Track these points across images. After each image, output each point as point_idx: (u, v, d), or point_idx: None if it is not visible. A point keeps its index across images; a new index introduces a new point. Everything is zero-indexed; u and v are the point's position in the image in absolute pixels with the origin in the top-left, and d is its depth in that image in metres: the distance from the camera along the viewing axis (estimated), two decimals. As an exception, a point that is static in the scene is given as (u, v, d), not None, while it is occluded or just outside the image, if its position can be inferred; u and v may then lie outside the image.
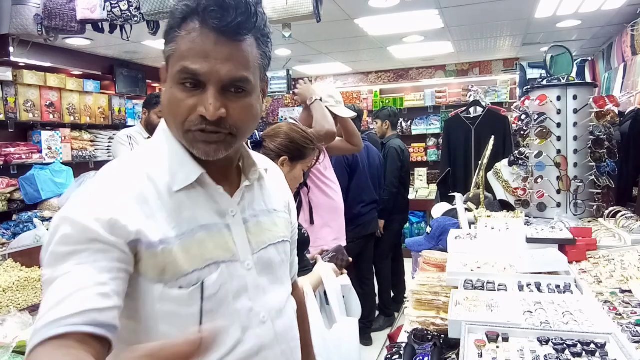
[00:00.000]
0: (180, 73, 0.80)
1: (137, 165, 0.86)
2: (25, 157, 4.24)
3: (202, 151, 0.83)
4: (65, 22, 3.11)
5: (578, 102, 2.33)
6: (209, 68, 0.79)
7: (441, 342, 1.26)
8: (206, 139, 0.82)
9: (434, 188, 6.11)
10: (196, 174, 0.85)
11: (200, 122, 0.80)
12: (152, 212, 0.80)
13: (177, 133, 0.85)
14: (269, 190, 1.01)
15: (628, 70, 4.08)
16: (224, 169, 0.92)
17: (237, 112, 0.82)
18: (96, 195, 0.79)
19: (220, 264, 0.85)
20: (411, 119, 6.71)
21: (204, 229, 0.85)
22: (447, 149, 4.23)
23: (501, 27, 4.68)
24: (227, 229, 0.88)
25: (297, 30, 3.89)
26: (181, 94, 0.81)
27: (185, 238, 0.82)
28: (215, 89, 0.80)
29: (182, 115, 0.81)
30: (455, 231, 2.11)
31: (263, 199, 0.98)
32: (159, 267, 0.79)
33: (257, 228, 0.94)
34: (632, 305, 1.32)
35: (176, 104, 0.81)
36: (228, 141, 0.84)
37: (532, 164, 2.42)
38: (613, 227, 2.03)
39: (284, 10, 2.70)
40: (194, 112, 0.80)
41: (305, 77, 2.49)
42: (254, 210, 0.95)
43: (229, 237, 0.88)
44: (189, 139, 0.83)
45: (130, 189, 0.81)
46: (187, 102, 0.81)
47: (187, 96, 0.80)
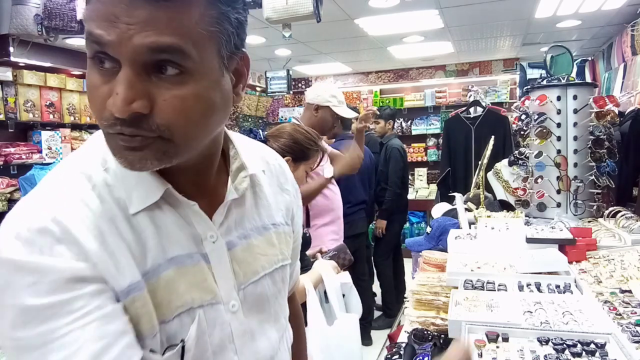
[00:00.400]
0: (87, 42, 0.55)
1: (82, 177, 0.61)
2: (25, 157, 4.24)
3: (124, 160, 0.57)
4: (65, 22, 3.11)
5: (578, 102, 2.33)
6: (117, 36, 0.52)
7: (441, 342, 1.26)
8: (125, 143, 0.56)
9: (434, 188, 6.11)
10: (159, 189, 0.62)
11: (114, 120, 0.55)
12: (112, 246, 0.58)
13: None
14: (266, 197, 0.78)
15: (628, 70, 4.08)
16: (197, 179, 0.68)
17: (168, 105, 0.55)
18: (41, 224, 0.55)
19: (196, 310, 0.64)
20: (411, 119, 6.71)
21: (172, 263, 0.63)
22: (447, 149, 4.23)
23: (501, 27, 4.68)
24: (205, 261, 0.66)
25: (297, 30, 3.89)
26: (96, 78, 0.56)
27: (150, 279, 0.60)
28: (131, 70, 0.53)
29: (98, 111, 0.56)
30: (455, 231, 2.11)
31: (257, 211, 0.76)
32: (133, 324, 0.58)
33: (248, 253, 0.72)
34: (632, 305, 1.32)
35: (91, 93, 0.57)
36: (160, 148, 0.57)
37: (532, 164, 2.42)
38: (613, 227, 2.03)
39: (284, 10, 2.70)
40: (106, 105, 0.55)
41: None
42: (243, 229, 0.72)
43: (207, 271, 0.66)
44: (110, 144, 0.58)
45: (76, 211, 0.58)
46: (102, 90, 0.55)
47: (102, 80, 0.56)
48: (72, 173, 0.62)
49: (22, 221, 0.56)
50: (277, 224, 0.79)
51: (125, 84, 0.53)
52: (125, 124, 0.54)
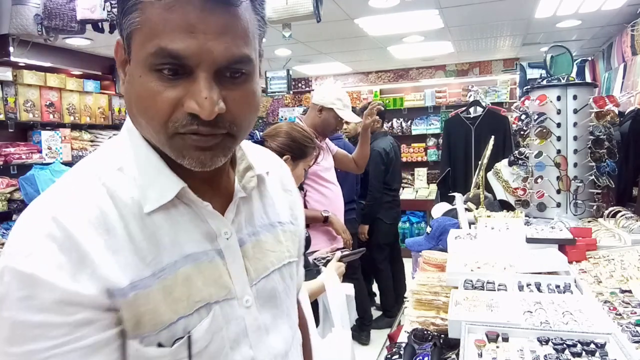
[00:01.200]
0: (155, 56, 0.57)
1: (92, 177, 0.63)
2: (25, 157, 4.24)
3: (196, 161, 0.61)
4: (65, 22, 3.11)
5: (578, 102, 2.33)
6: (198, 47, 0.56)
7: (441, 342, 1.26)
8: (201, 143, 0.60)
9: (434, 188, 6.11)
10: (174, 188, 0.64)
11: (190, 121, 0.59)
12: (117, 244, 0.60)
13: (155, 138, 0.62)
14: (271, 197, 0.80)
15: (628, 70, 4.09)
16: (210, 179, 0.70)
17: (237, 104, 0.61)
18: (45, 230, 0.57)
19: (212, 305, 0.66)
20: (411, 119, 6.71)
21: (189, 260, 0.65)
22: (447, 149, 4.23)
23: (501, 27, 4.68)
24: (220, 257, 0.68)
25: (297, 30, 3.89)
26: (158, 85, 0.58)
27: (166, 275, 0.62)
28: (209, 75, 0.58)
29: (163, 114, 0.59)
30: (455, 231, 2.11)
31: (264, 209, 0.78)
32: (132, 319, 0.59)
33: (257, 250, 0.74)
34: (632, 305, 1.32)
35: (151, 99, 0.59)
36: (226, 145, 0.63)
37: (532, 164, 2.42)
38: (613, 227, 2.03)
39: (284, 10, 2.71)
40: (179, 108, 0.59)
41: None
42: (252, 226, 0.75)
43: (222, 267, 0.68)
44: (177, 146, 0.61)
45: (81, 211, 0.59)
46: (167, 95, 0.58)
47: (167, 86, 0.58)
48: (83, 174, 0.64)
49: (28, 227, 0.58)
50: (282, 222, 0.81)
51: (210, 89, 0.58)
52: (204, 124, 0.59)
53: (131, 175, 0.64)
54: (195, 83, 0.58)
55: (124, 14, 0.59)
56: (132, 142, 0.67)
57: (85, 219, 0.59)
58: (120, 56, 0.64)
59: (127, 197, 0.63)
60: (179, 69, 0.58)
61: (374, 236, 4.01)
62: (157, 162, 0.65)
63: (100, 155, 0.68)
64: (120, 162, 0.65)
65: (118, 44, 0.64)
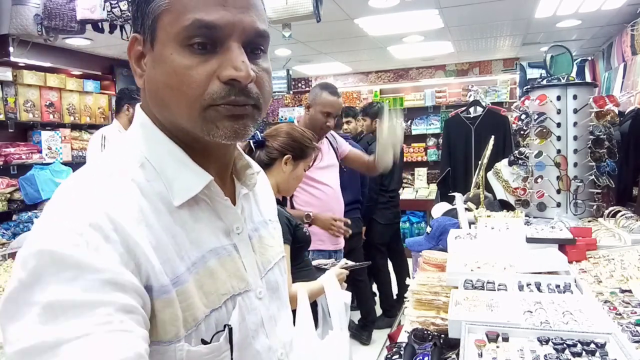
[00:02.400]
0: (190, 29, 0.59)
1: (122, 173, 0.62)
2: (25, 157, 4.24)
3: (230, 130, 0.62)
4: (65, 22, 3.11)
5: (578, 102, 2.33)
6: (231, 18, 0.60)
7: (441, 342, 1.26)
8: (236, 112, 0.62)
9: (434, 188, 6.11)
10: (201, 181, 0.65)
11: (227, 91, 0.61)
12: (157, 240, 0.59)
13: (186, 115, 0.63)
14: (261, 195, 0.84)
15: (628, 70, 4.09)
16: (222, 171, 0.73)
17: (261, 76, 0.64)
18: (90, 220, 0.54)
19: (236, 297, 0.68)
20: (411, 119, 6.71)
21: (213, 254, 0.66)
22: (447, 149, 4.23)
23: (501, 27, 4.68)
24: (236, 251, 0.71)
25: (297, 30, 3.89)
26: (191, 59, 0.60)
27: (197, 269, 0.63)
28: (240, 45, 0.62)
29: (198, 87, 0.60)
30: (455, 231, 2.11)
31: (259, 207, 0.81)
32: (177, 318, 0.59)
33: (260, 245, 0.77)
34: (632, 305, 1.32)
35: (186, 73, 0.60)
36: (254, 115, 0.65)
37: (532, 164, 2.42)
38: (613, 227, 2.03)
39: (284, 10, 2.71)
40: (213, 80, 0.61)
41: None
42: (253, 222, 0.78)
43: (239, 261, 0.70)
44: (210, 118, 0.62)
45: (125, 206, 0.58)
46: (202, 68, 0.60)
47: (200, 61, 0.61)
48: (109, 170, 0.62)
49: (70, 214, 0.55)
50: (272, 220, 0.86)
51: (244, 56, 0.62)
52: (239, 93, 0.62)
53: (155, 170, 0.64)
54: (230, 51, 0.61)
55: (147, 2, 0.62)
56: (149, 137, 0.67)
57: (129, 213, 0.58)
58: (135, 51, 0.66)
59: (156, 192, 0.63)
60: (210, 43, 0.61)
61: (369, 236, 4.03)
62: (180, 155, 0.66)
63: (117, 152, 0.66)
64: (140, 158, 0.65)
65: (133, 40, 0.66)
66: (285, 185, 1.79)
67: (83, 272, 0.51)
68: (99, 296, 0.51)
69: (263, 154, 1.75)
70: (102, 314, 0.50)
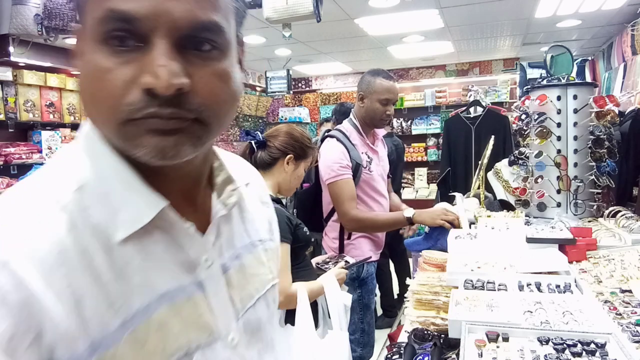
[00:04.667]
0: (104, 22, 0.47)
1: (49, 201, 0.49)
2: (25, 157, 4.24)
3: (154, 149, 0.48)
4: (65, 22, 3.11)
5: (578, 102, 2.33)
6: (153, 7, 0.46)
7: (441, 342, 1.26)
8: (160, 126, 0.48)
9: (434, 188, 6.12)
10: (153, 208, 0.52)
11: (147, 103, 0.47)
12: (80, 291, 0.47)
13: (106, 128, 0.51)
14: (250, 212, 0.70)
15: (628, 70, 4.09)
16: (188, 191, 0.59)
17: (207, 84, 0.50)
18: None
19: (193, 354, 0.54)
20: (411, 119, 6.71)
21: (164, 300, 0.52)
22: (447, 149, 4.23)
23: (501, 26, 4.68)
24: (200, 290, 0.56)
25: (297, 30, 3.89)
26: (108, 60, 0.47)
27: (137, 324, 0.50)
28: (168, 43, 0.47)
29: (114, 96, 0.47)
30: (455, 231, 2.11)
31: (245, 227, 0.68)
32: None
33: (241, 276, 0.64)
34: (632, 305, 1.32)
35: (101, 78, 0.48)
36: (195, 132, 0.50)
37: (532, 164, 2.42)
38: (613, 227, 2.03)
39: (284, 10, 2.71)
40: (133, 88, 0.47)
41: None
42: (234, 248, 0.64)
43: (203, 303, 0.56)
44: (130, 134, 0.48)
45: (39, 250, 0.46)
46: (119, 73, 0.47)
47: (119, 62, 0.47)
48: (37, 197, 0.50)
49: None
50: (263, 239, 0.71)
51: (168, 57, 0.47)
52: (165, 104, 0.47)
53: (95, 195, 0.51)
54: (151, 54, 0.47)
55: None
56: (91, 152, 0.54)
57: (43, 260, 0.45)
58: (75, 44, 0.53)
59: (93, 225, 0.49)
60: (131, 38, 0.47)
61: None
62: (127, 175, 0.53)
63: (54, 171, 0.53)
64: (79, 179, 0.52)
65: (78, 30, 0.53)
66: (287, 185, 1.79)
67: None
68: None
69: (264, 154, 1.76)
70: None
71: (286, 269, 1.59)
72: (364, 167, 2.33)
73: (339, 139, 2.31)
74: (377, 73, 2.37)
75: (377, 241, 2.48)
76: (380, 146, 2.54)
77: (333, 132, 2.38)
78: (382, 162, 2.49)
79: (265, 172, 1.75)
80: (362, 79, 2.41)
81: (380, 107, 2.32)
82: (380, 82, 2.33)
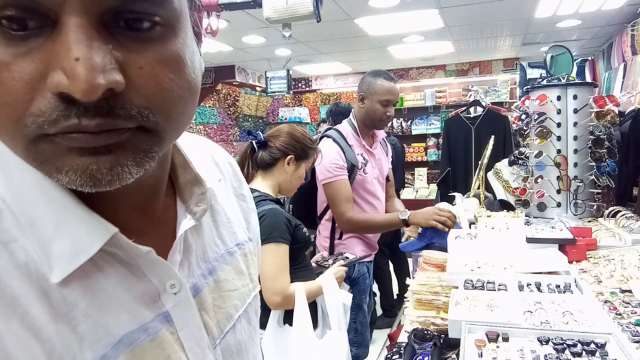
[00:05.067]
0: None
1: None
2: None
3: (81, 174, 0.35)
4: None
5: (578, 102, 2.33)
6: None
7: (441, 342, 1.26)
8: (88, 143, 0.34)
9: (434, 188, 6.12)
10: (100, 235, 0.40)
11: (63, 112, 0.33)
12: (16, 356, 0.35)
13: (13, 145, 0.36)
14: (224, 211, 0.59)
15: (628, 70, 4.09)
16: (143, 203, 0.47)
17: (149, 73, 0.36)
18: None
19: None
20: (411, 119, 6.72)
21: (122, 347, 0.42)
22: (447, 149, 4.23)
23: (501, 27, 4.69)
24: (167, 324, 0.46)
25: (297, 30, 3.89)
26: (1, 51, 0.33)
27: None
28: (86, 21, 0.33)
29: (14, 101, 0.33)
30: (455, 231, 2.11)
31: (218, 233, 0.57)
32: None
33: (217, 294, 0.53)
34: (632, 305, 1.32)
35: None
36: (140, 145, 0.37)
37: (532, 164, 2.42)
38: (613, 227, 2.03)
39: (284, 10, 2.71)
40: (41, 89, 0.33)
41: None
42: (206, 261, 0.53)
43: (170, 340, 0.46)
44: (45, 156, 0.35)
45: None
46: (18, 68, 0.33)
47: (16, 53, 0.33)
48: None
49: None
50: (240, 243, 0.60)
51: (87, 44, 0.32)
52: (89, 113, 0.33)
53: (16, 224, 0.38)
54: (61, 37, 0.32)
55: None
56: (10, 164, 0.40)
57: None
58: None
59: (17, 264, 0.37)
60: (32, 17, 0.32)
61: None
62: (58, 194, 0.40)
63: None
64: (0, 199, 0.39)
65: None
66: (288, 186, 1.79)
67: None
68: None
69: (265, 155, 1.75)
70: None
71: (285, 270, 1.59)
72: (358, 168, 2.33)
73: (335, 139, 2.31)
74: (378, 74, 2.37)
75: (369, 242, 2.48)
76: (379, 149, 2.53)
77: (330, 132, 2.38)
78: (378, 165, 2.49)
79: (265, 172, 1.75)
80: (362, 80, 2.41)
81: (381, 108, 2.33)
82: (381, 83, 2.33)
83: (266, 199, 1.66)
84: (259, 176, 1.75)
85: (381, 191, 2.50)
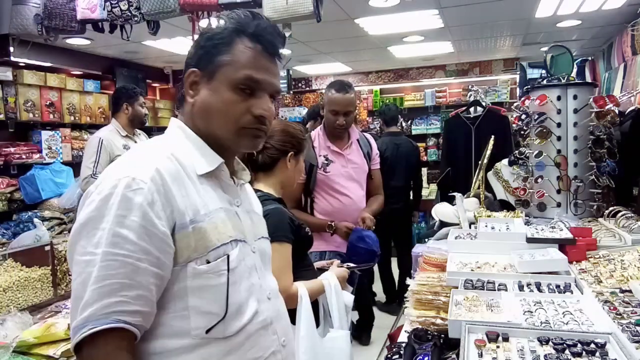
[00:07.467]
0: (243, 80, 0.95)
1: (161, 149, 0.94)
2: (25, 157, 4.24)
3: (252, 144, 1.00)
4: (65, 22, 3.11)
5: (578, 102, 2.33)
6: (269, 80, 0.98)
7: (441, 342, 1.26)
8: (259, 134, 0.99)
9: (434, 188, 6.10)
10: (217, 161, 0.98)
11: (255, 121, 0.97)
12: (187, 192, 0.90)
13: (224, 130, 0.97)
14: (250, 197, 1.14)
15: (628, 70, 4.09)
16: (231, 164, 1.04)
17: (269, 112, 0.99)
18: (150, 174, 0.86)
19: (238, 242, 0.96)
20: (411, 119, 6.71)
21: (223, 210, 0.96)
22: (447, 149, 4.23)
23: (501, 27, 4.68)
24: (237, 215, 1.00)
25: (297, 30, 3.89)
26: (237, 97, 0.95)
27: (213, 216, 0.93)
28: (269, 96, 0.98)
29: (237, 115, 0.96)
30: (455, 231, 2.11)
31: (249, 200, 1.12)
32: (190, 246, 0.88)
33: (252, 221, 1.06)
34: (632, 305, 1.32)
35: (232, 105, 0.95)
36: (264, 136, 1.02)
37: (532, 164, 2.42)
38: (613, 227, 2.03)
39: (284, 10, 2.71)
40: (247, 113, 0.96)
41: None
42: (246, 206, 1.07)
43: (239, 221, 1.00)
44: (241, 135, 0.97)
45: (171, 169, 0.90)
46: (242, 105, 0.96)
47: (243, 99, 0.96)
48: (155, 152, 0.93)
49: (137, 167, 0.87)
50: (259, 214, 1.15)
51: (270, 104, 0.99)
52: (264, 122, 0.98)
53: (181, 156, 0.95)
54: (263, 99, 0.98)
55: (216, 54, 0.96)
56: (185, 134, 0.99)
57: (171, 173, 0.89)
58: (191, 80, 0.98)
59: (186, 164, 0.94)
60: (252, 91, 0.96)
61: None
62: (203, 145, 0.98)
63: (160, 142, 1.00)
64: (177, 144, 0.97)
65: (191, 72, 0.97)
66: (291, 181, 1.79)
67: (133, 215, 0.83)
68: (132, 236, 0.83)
69: (264, 156, 1.73)
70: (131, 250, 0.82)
71: (287, 269, 1.59)
72: (318, 167, 2.53)
73: None
74: (332, 85, 2.59)
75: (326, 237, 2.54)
76: (355, 149, 2.66)
77: None
78: (351, 164, 2.61)
79: (266, 174, 1.73)
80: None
81: (331, 116, 2.55)
82: (330, 95, 2.56)
83: (269, 198, 1.65)
84: (261, 177, 1.74)
85: (356, 187, 2.63)
